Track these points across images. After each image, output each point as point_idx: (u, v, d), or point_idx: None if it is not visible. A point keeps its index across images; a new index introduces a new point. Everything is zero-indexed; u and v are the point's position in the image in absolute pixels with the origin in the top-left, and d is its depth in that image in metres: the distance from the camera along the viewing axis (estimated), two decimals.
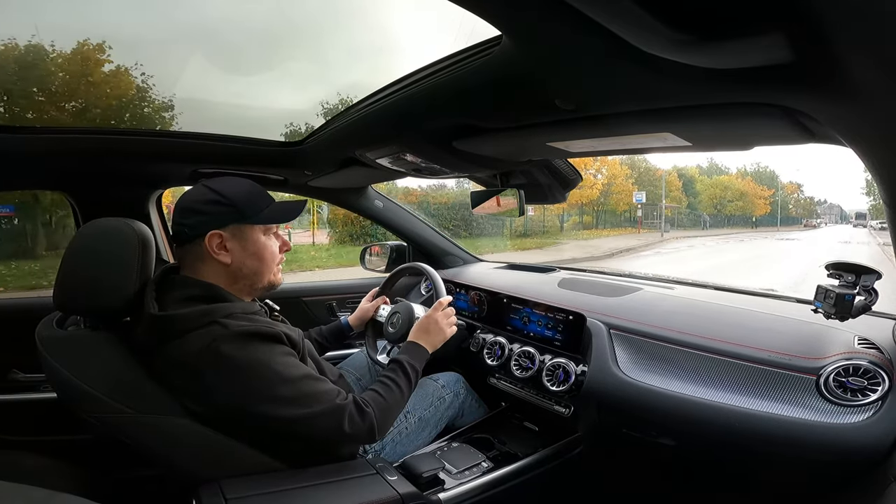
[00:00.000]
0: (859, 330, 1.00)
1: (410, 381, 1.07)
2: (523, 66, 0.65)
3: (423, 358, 1.14)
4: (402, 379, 1.05)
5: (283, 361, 0.88)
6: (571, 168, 1.33)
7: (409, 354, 1.12)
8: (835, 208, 54.92)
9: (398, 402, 1.02)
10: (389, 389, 1.01)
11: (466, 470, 1.13)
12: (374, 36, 23.42)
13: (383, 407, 0.97)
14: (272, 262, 0.99)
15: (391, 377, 1.04)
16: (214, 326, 0.86)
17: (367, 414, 0.93)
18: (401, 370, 1.06)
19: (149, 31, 13.49)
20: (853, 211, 43.18)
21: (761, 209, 39.29)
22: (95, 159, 1.39)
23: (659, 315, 1.23)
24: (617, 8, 0.41)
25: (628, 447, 1.21)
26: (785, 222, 43.40)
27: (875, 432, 0.83)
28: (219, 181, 0.96)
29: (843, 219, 49.68)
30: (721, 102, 0.64)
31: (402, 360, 1.09)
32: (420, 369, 1.11)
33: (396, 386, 1.03)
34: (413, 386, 1.08)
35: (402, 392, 1.04)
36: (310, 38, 19.44)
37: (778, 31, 0.41)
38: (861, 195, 42.96)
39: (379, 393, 0.99)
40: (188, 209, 0.93)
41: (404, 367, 1.07)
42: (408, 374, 1.07)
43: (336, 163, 1.43)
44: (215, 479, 0.86)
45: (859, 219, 39.62)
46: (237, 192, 0.95)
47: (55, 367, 0.87)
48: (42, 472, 1.27)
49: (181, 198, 0.96)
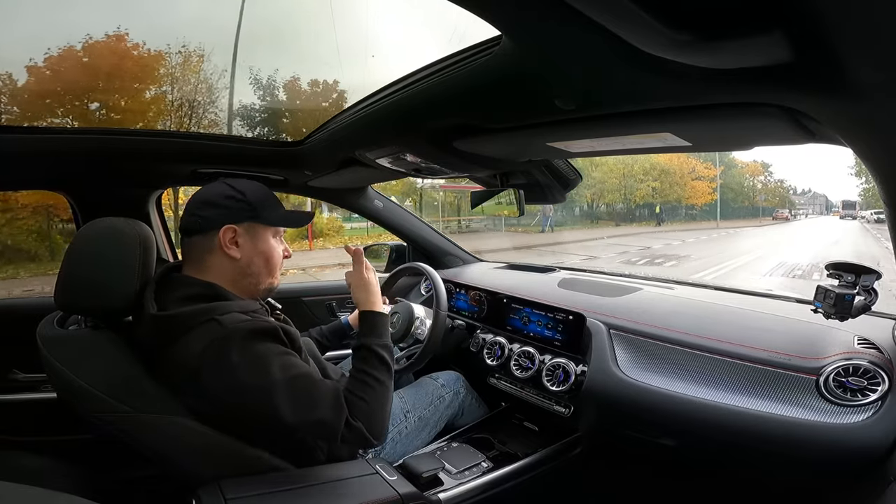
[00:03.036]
0: (859, 330, 1.00)
1: (386, 364, 0.99)
2: (523, 67, 0.65)
3: (385, 326, 1.06)
4: (379, 370, 0.97)
5: (282, 362, 0.87)
6: (571, 168, 1.33)
7: (375, 334, 1.02)
8: (819, 198, 46.83)
9: (382, 399, 0.95)
10: (371, 389, 0.94)
11: (466, 470, 1.13)
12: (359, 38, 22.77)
13: (368, 413, 0.91)
14: (276, 266, 1.01)
15: (367, 371, 0.96)
16: (212, 324, 0.86)
17: (355, 428, 0.89)
18: (375, 358, 0.98)
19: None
20: (842, 200, 32.69)
21: (702, 196, 25.92)
22: (95, 159, 1.39)
23: (659, 315, 1.24)
24: (617, 8, 0.41)
25: (628, 447, 1.21)
26: (745, 214, 31.16)
27: (875, 432, 0.83)
28: (237, 181, 0.99)
29: (828, 209, 41.57)
30: (721, 103, 0.64)
31: (371, 345, 1.00)
32: (389, 344, 1.03)
33: (374, 379, 0.95)
34: (391, 370, 0.99)
35: (382, 384, 0.96)
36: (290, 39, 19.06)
37: (778, 31, 0.41)
38: (850, 175, 33.15)
39: (362, 398, 0.92)
40: (207, 202, 0.95)
41: (377, 353, 0.99)
42: (381, 358, 0.99)
43: (336, 163, 1.43)
44: (215, 478, 0.86)
45: (848, 208, 30.08)
46: (255, 192, 0.98)
47: (56, 366, 0.87)
48: (42, 472, 1.28)
49: (199, 191, 0.98)
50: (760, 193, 33.75)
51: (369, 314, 1.06)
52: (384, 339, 1.03)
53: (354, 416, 0.89)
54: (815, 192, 48.14)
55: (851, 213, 28.75)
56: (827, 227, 24.57)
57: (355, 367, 0.98)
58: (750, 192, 32.72)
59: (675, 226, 24.28)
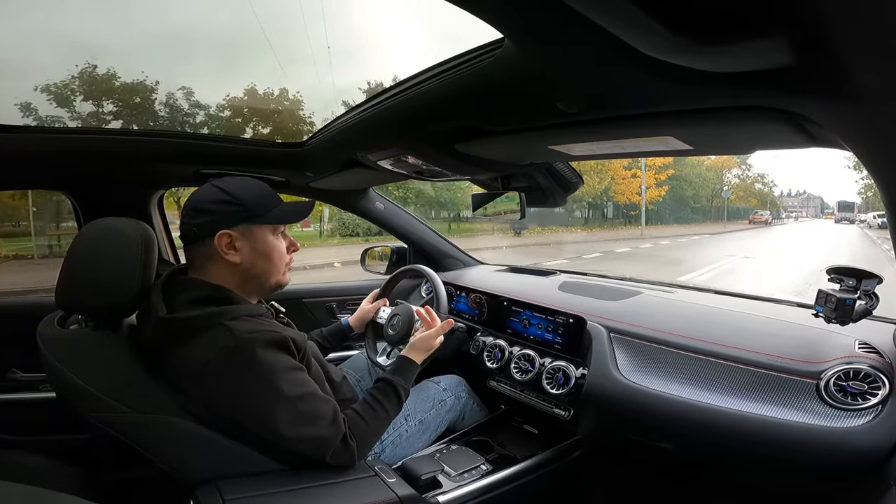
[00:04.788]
0: (860, 334, 1.00)
1: (401, 402, 1.06)
2: (525, 70, 0.65)
3: (413, 375, 1.13)
4: (390, 402, 1.04)
5: (287, 378, 0.87)
6: (573, 171, 1.34)
7: (401, 375, 1.10)
8: (814, 200, 42.61)
9: (382, 426, 1.02)
10: (376, 415, 1.00)
11: (465, 472, 1.13)
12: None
13: (366, 434, 0.97)
14: (281, 263, 0.99)
15: (380, 400, 1.03)
16: (222, 329, 0.85)
17: (350, 447, 0.92)
18: (392, 393, 1.05)
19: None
20: (837, 201, 27.66)
21: (634, 193, 20.18)
22: (97, 160, 1.39)
23: (659, 319, 1.23)
24: (619, 11, 0.41)
25: (628, 450, 1.21)
26: (709, 216, 26.24)
27: (875, 436, 0.83)
28: (227, 181, 0.96)
29: (824, 212, 37.00)
30: (723, 106, 0.64)
31: (394, 382, 1.07)
32: (409, 388, 1.11)
33: (383, 410, 1.02)
34: (400, 407, 1.07)
35: (388, 415, 1.03)
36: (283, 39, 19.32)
37: (780, 35, 0.41)
38: (847, 168, 26.75)
39: (365, 420, 0.98)
40: (197, 209, 0.93)
41: (396, 389, 1.06)
42: (399, 396, 1.06)
43: (337, 164, 1.43)
44: (214, 479, 0.86)
45: (845, 211, 25.14)
46: (246, 191, 0.95)
47: (56, 365, 0.87)
48: (42, 472, 1.28)
49: (190, 197, 0.96)
50: (732, 190, 26.95)
51: (408, 360, 1.14)
52: (408, 384, 1.10)
53: (353, 435, 0.93)
54: (810, 193, 44.58)
55: (849, 215, 24.57)
56: (816, 234, 19.57)
57: (371, 394, 1.04)
58: (716, 186, 26.21)
59: (576, 234, 18.62)
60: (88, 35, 16.65)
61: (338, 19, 24.44)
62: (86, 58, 11.97)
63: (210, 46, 17.08)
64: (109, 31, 16.39)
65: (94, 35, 16.45)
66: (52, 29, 12.92)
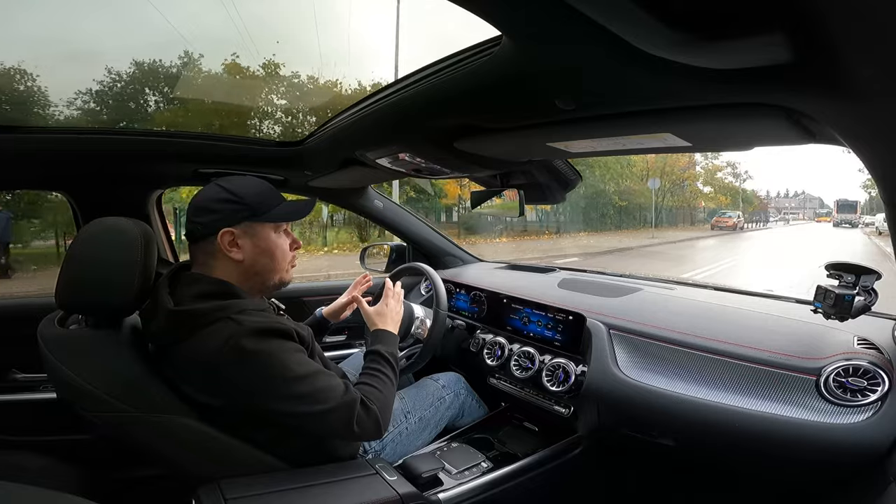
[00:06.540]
0: (859, 330, 1.00)
1: (395, 369, 1.07)
2: (523, 67, 0.65)
3: (395, 342, 1.15)
4: (387, 368, 1.05)
5: (297, 359, 0.89)
6: (571, 168, 1.34)
7: (383, 343, 1.11)
8: (812, 201, 39.34)
9: (391, 393, 1.03)
10: (382, 382, 1.02)
11: (466, 470, 1.13)
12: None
13: (382, 401, 0.98)
14: (283, 260, 1.01)
15: (378, 368, 1.04)
16: (229, 322, 0.86)
17: (372, 411, 0.94)
18: (383, 360, 1.06)
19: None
20: (836, 200, 23.42)
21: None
22: (95, 159, 1.39)
23: (659, 315, 1.24)
24: (617, 8, 0.41)
25: (628, 447, 1.21)
26: (646, 220, 18.54)
27: (874, 432, 0.83)
28: (231, 180, 0.97)
29: (817, 214, 33.42)
30: (721, 103, 0.64)
31: (380, 350, 1.08)
32: (396, 352, 1.12)
33: (386, 377, 1.03)
34: (397, 374, 1.08)
35: (392, 382, 1.04)
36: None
37: (778, 32, 0.41)
38: (846, 153, 12.93)
39: (375, 387, 1.00)
40: (201, 208, 0.94)
41: (385, 356, 1.07)
42: (391, 363, 1.07)
43: (336, 163, 1.43)
44: (215, 478, 0.86)
45: (845, 211, 21.41)
46: (249, 190, 0.96)
47: (56, 365, 0.87)
48: (42, 472, 1.28)
49: (195, 196, 0.98)
50: (689, 182, 19.14)
51: (381, 331, 1.15)
52: (392, 347, 1.11)
53: (371, 401, 0.95)
54: (809, 193, 42.44)
55: (850, 217, 20.56)
56: (802, 243, 14.69)
57: (366, 366, 1.05)
58: (643, 174, 17.69)
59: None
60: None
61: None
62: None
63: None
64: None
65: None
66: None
